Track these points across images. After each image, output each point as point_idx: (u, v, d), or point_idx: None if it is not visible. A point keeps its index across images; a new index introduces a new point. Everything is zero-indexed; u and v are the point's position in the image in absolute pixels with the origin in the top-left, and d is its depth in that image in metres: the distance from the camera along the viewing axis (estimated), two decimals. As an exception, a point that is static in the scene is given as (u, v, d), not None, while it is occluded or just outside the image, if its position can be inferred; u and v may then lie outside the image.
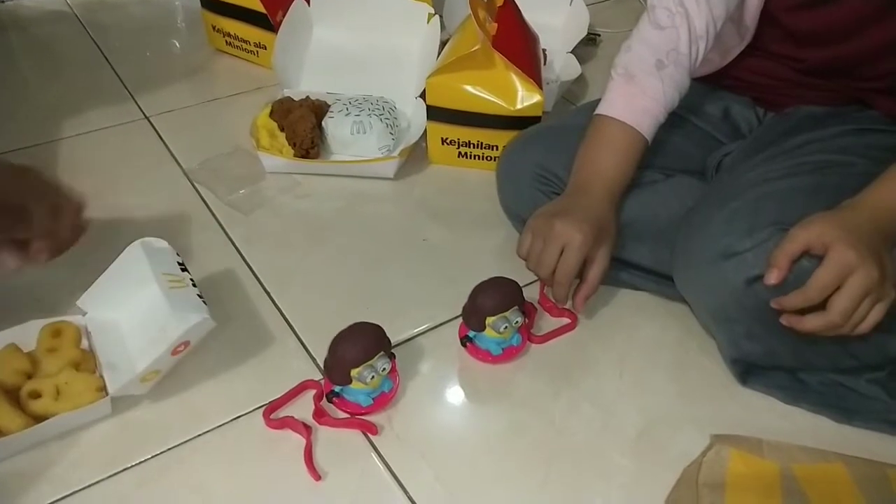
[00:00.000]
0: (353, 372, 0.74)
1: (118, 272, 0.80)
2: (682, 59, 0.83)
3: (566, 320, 0.89)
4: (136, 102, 1.26)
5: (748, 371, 0.81)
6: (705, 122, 0.96)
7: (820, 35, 0.83)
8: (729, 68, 0.94)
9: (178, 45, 1.48)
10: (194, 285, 0.79)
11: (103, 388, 0.74)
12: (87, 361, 0.77)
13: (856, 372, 0.79)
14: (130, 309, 0.80)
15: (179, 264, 0.81)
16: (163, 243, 0.82)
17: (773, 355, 0.79)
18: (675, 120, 0.92)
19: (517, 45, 1.09)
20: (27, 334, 0.79)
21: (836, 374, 0.80)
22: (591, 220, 0.78)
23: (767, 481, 0.71)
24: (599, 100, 0.87)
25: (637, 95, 0.83)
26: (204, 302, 0.76)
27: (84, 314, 0.81)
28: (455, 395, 0.81)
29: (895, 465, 0.73)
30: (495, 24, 1.07)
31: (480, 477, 0.73)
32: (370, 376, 0.74)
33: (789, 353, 0.78)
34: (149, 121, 1.22)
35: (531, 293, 0.90)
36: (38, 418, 0.72)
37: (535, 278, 0.93)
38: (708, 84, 0.96)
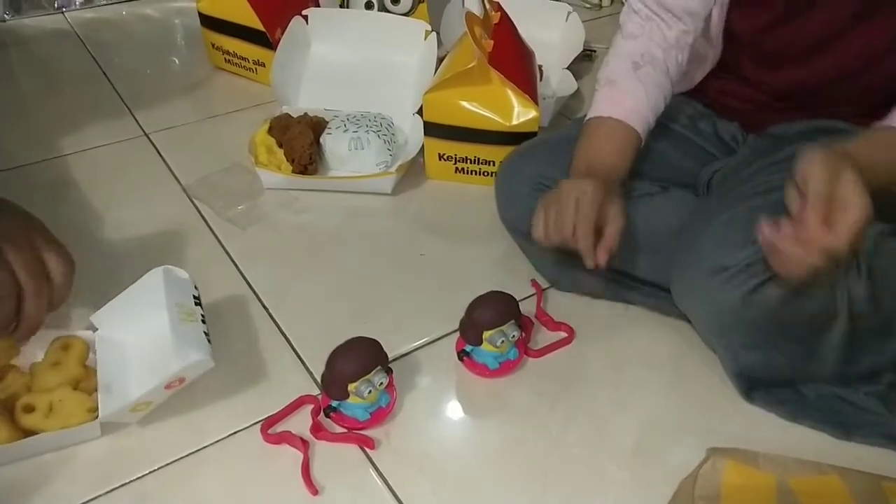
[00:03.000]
0: (351, 386, 0.74)
1: (135, 294, 0.80)
2: (658, 62, 0.86)
3: (563, 334, 0.89)
4: (135, 119, 1.27)
5: (753, 387, 0.82)
6: (699, 136, 0.97)
7: (789, 55, 0.85)
8: (707, 92, 0.95)
9: (177, 62, 1.50)
10: (203, 321, 0.78)
11: (96, 410, 0.74)
12: (88, 379, 0.77)
13: (854, 383, 0.80)
14: (139, 333, 0.79)
15: (195, 297, 0.81)
16: (184, 273, 0.82)
17: (772, 366, 0.79)
18: (670, 133, 0.92)
19: (513, 61, 1.10)
20: (37, 346, 0.78)
21: (835, 387, 0.80)
22: (597, 179, 0.79)
23: (763, 493, 0.71)
24: None
25: (620, 98, 0.86)
26: (209, 340, 0.76)
27: (95, 330, 0.80)
28: (452, 409, 0.82)
29: (890, 477, 0.73)
30: (491, 41, 1.08)
31: (478, 491, 0.73)
32: (367, 391, 0.74)
33: (787, 363, 0.78)
34: (148, 137, 1.23)
35: (528, 307, 0.90)
36: (28, 433, 0.72)
37: (533, 292, 0.93)
38: (696, 102, 0.98)
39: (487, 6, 1.13)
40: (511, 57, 1.10)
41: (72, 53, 1.48)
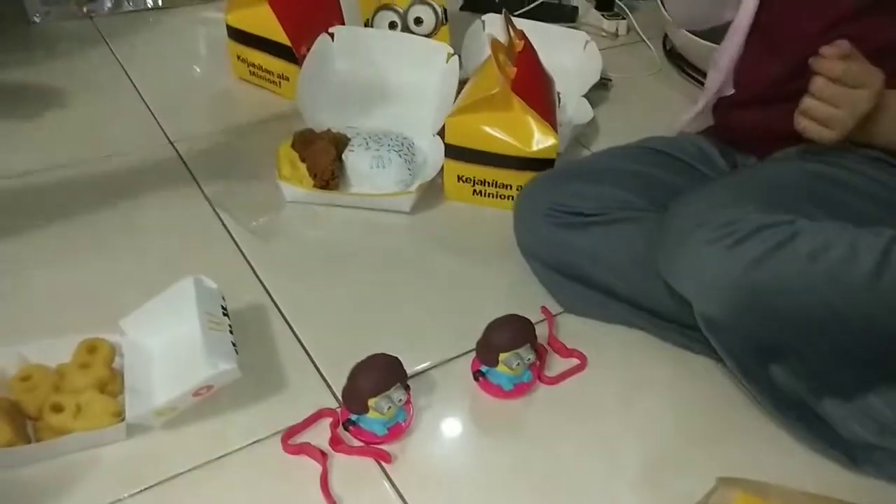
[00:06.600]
0: (371, 401, 0.76)
1: (165, 302, 0.83)
2: None
3: (575, 361, 0.91)
4: (161, 128, 1.29)
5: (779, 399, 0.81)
6: (686, 155, 1.01)
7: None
8: (726, 127, 1.00)
9: (201, 72, 1.52)
10: (231, 332, 0.81)
11: (121, 413, 0.76)
12: (114, 382, 0.79)
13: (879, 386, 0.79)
14: (167, 340, 0.82)
15: (223, 308, 0.83)
16: (212, 284, 0.85)
17: (781, 350, 0.78)
18: (655, 156, 0.97)
19: (535, 88, 1.13)
20: (64, 347, 0.81)
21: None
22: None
23: (769, 525, 0.73)
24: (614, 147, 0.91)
25: None
26: (236, 351, 0.78)
27: (123, 334, 0.83)
28: (466, 427, 0.84)
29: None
30: (514, 68, 1.11)
31: (490, 509, 0.75)
32: (386, 406, 0.76)
33: (796, 336, 0.76)
34: (173, 146, 1.25)
35: (540, 332, 0.92)
36: (56, 432, 0.74)
37: (543, 317, 0.95)
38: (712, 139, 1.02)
39: (512, 34, 1.16)
40: (533, 84, 1.13)
41: (99, 60, 1.50)
